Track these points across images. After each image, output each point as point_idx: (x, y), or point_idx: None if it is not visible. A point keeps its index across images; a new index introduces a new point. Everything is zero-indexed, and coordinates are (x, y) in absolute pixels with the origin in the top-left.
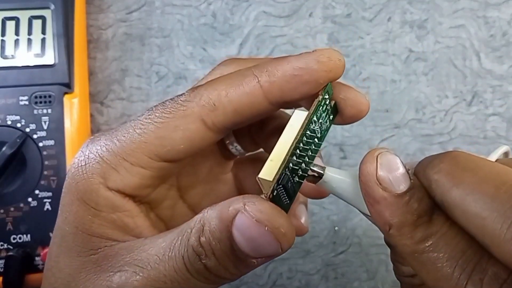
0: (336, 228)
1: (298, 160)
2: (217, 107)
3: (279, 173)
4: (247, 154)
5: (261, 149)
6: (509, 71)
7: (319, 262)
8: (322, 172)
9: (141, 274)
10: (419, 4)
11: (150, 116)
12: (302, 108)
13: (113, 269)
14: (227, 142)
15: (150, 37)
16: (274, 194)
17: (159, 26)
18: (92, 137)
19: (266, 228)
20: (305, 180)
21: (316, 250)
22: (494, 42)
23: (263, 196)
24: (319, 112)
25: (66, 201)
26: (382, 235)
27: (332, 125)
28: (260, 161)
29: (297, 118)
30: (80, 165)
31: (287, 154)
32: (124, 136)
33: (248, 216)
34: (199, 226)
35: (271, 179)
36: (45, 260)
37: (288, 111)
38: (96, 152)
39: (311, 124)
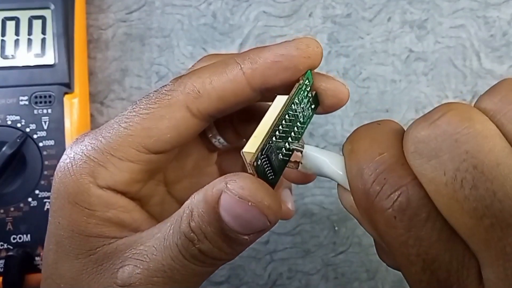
0: (336, 228)
1: (282, 134)
2: (201, 94)
3: (263, 143)
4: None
5: (244, 140)
6: (509, 71)
7: (319, 262)
8: (302, 148)
9: (141, 267)
10: (419, 4)
11: (135, 109)
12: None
13: (115, 266)
14: (210, 135)
15: (150, 37)
16: (258, 163)
17: (159, 26)
18: (75, 139)
19: (250, 204)
20: (287, 165)
21: (316, 250)
22: (494, 42)
23: (249, 168)
24: (300, 96)
25: (57, 206)
26: None
27: (332, 125)
28: None
29: (279, 100)
30: (66, 167)
31: (270, 128)
32: (110, 132)
33: (231, 194)
34: (188, 212)
35: (253, 151)
36: (42, 269)
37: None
38: (82, 152)
39: (293, 105)
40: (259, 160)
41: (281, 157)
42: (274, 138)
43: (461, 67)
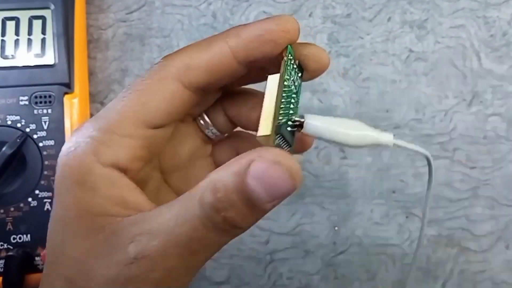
0: (336, 228)
1: (285, 111)
2: (191, 67)
3: (274, 125)
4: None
5: (238, 129)
6: (509, 71)
7: (319, 262)
8: (303, 120)
9: (157, 239)
10: (419, 4)
11: (130, 88)
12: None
13: (124, 241)
14: (202, 125)
15: (150, 37)
16: (276, 143)
17: (159, 26)
18: (75, 129)
19: (284, 167)
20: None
21: (316, 250)
22: (494, 42)
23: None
24: (288, 71)
25: (64, 188)
26: (383, 235)
27: None
28: (236, 139)
29: (272, 80)
30: (69, 150)
31: (275, 109)
32: (108, 113)
33: (266, 160)
34: (212, 185)
35: (269, 133)
36: (46, 255)
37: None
38: (83, 135)
39: (285, 82)
40: (276, 140)
41: (289, 129)
42: (280, 117)
43: (461, 67)
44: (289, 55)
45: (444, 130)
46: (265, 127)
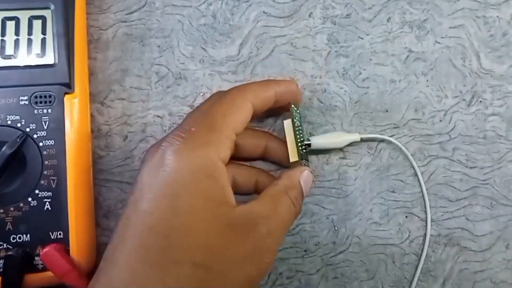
0: (335, 228)
1: (299, 141)
2: (257, 97)
3: (299, 153)
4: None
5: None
6: (509, 71)
7: (318, 262)
8: (310, 141)
9: (272, 221)
10: (418, 5)
11: (221, 104)
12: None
13: (251, 223)
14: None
15: (150, 37)
16: (302, 164)
17: (159, 27)
18: (177, 132)
19: (312, 176)
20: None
21: (316, 250)
22: (494, 42)
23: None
24: (294, 114)
25: (189, 178)
26: (382, 235)
27: (332, 125)
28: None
29: (287, 123)
30: (195, 143)
31: (296, 143)
32: (212, 119)
33: (310, 172)
34: (291, 185)
35: (297, 159)
36: (153, 239)
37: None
38: (201, 133)
39: (296, 123)
40: (302, 162)
41: (304, 151)
42: (300, 148)
43: (461, 67)
44: (293, 106)
45: (443, 130)
46: (294, 156)
